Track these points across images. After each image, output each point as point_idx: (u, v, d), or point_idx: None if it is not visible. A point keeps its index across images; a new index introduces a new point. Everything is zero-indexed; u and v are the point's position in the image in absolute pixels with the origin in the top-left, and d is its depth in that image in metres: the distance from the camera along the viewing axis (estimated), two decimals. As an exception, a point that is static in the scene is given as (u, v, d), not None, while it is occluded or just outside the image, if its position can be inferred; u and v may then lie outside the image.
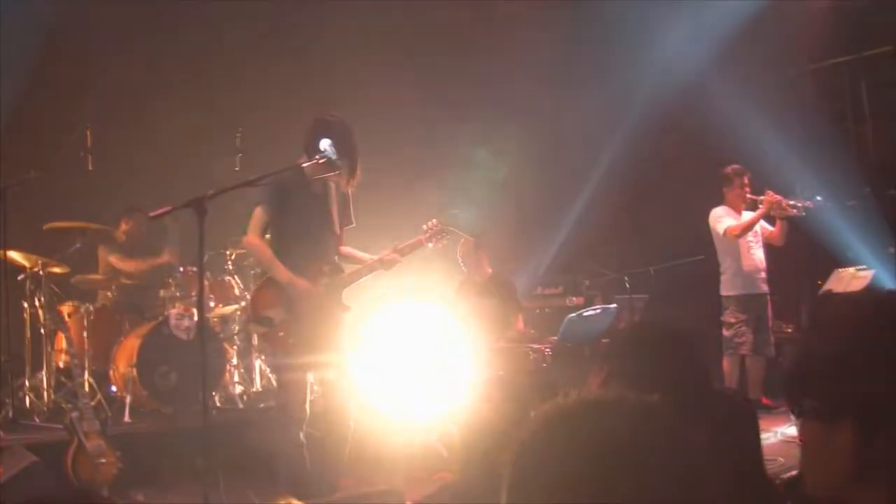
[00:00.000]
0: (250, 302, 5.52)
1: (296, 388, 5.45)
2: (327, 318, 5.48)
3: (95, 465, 5.89)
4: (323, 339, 5.46)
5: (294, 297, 5.35)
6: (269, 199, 5.41)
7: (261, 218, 5.42)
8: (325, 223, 5.54)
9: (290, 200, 5.44)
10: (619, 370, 2.11)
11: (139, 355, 7.20)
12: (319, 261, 5.48)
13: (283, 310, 5.38)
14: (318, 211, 5.52)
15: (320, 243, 5.53)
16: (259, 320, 5.41)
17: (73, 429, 5.99)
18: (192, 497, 5.71)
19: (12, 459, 5.78)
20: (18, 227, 7.15)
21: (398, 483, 6.14)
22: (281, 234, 5.48)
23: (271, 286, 5.41)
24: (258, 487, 6.26)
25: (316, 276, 5.44)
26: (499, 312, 7.80)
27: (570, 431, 1.06)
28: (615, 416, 1.08)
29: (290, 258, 5.42)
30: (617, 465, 1.03)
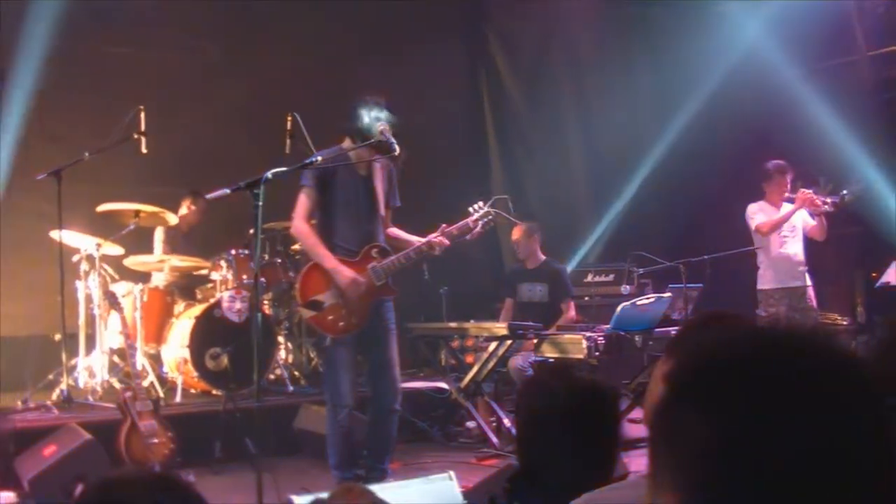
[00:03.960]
0: (298, 286, 5.49)
1: (343, 373, 5.43)
2: (375, 303, 5.45)
3: (148, 445, 5.94)
4: (370, 323, 5.44)
5: (339, 284, 5.33)
6: (312, 182, 5.39)
7: (305, 202, 5.40)
8: (372, 204, 5.50)
9: (334, 182, 5.41)
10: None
11: (191, 337, 7.26)
12: (367, 243, 5.46)
13: (332, 294, 5.35)
14: (363, 192, 5.49)
15: (367, 225, 5.50)
16: (307, 304, 5.39)
17: (126, 408, 6.05)
18: (243, 478, 5.74)
19: (67, 437, 5.85)
20: (73, 208, 7.21)
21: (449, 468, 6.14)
22: (327, 216, 5.45)
23: (319, 269, 5.38)
24: (308, 470, 6.31)
25: (364, 259, 5.41)
26: (550, 299, 7.75)
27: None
28: None
29: (337, 241, 5.41)
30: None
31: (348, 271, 5.32)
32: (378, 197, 5.54)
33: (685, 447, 0.93)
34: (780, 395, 0.91)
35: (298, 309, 5.76)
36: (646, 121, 10.18)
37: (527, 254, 7.89)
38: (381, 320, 5.53)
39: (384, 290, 5.49)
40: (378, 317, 5.52)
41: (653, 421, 1.00)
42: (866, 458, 0.90)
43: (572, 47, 10.78)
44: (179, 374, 7.32)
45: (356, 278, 5.31)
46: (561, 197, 10.45)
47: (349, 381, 5.43)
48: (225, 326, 7.32)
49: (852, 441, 0.90)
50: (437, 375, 8.12)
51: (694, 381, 0.97)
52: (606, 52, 10.49)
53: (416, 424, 7.20)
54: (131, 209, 7.57)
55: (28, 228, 8.16)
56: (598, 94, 10.38)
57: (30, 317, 8.55)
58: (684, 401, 0.96)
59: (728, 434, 0.91)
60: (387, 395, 5.55)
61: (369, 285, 5.37)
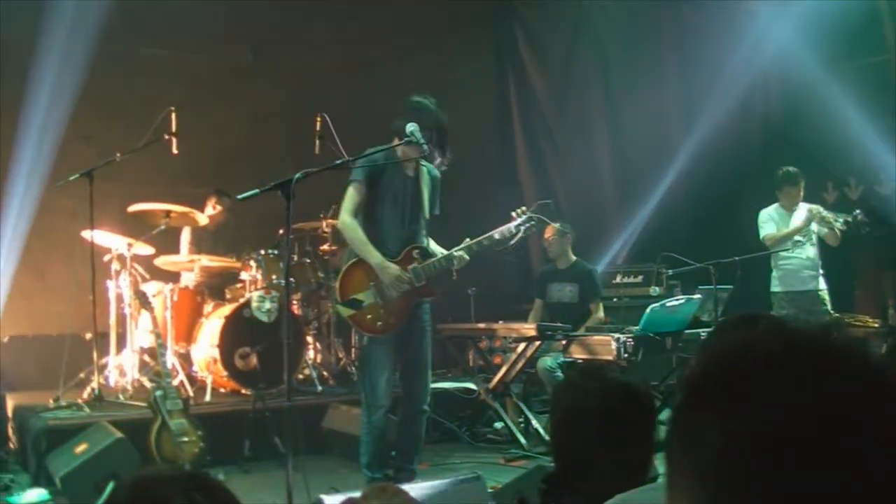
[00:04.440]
0: (338, 283, 5.49)
1: (380, 372, 5.43)
2: (413, 303, 5.45)
3: (178, 444, 5.98)
4: (408, 324, 5.43)
5: (383, 280, 5.33)
6: (362, 178, 5.40)
7: (354, 197, 5.40)
8: (417, 207, 5.51)
9: (383, 182, 5.42)
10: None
11: (221, 336, 7.30)
12: (409, 244, 5.46)
13: (371, 293, 5.36)
14: (410, 194, 5.49)
15: (411, 226, 5.50)
16: (346, 302, 5.39)
17: (156, 407, 6.09)
18: (272, 477, 5.77)
19: (98, 436, 5.89)
20: (105, 208, 7.27)
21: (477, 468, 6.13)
22: (373, 215, 5.46)
23: (360, 268, 5.39)
24: (337, 469, 6.32)
25: (405, 259, 5.42)
26: (579, 300, 7.73)
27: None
28: None
29: (381, 240, 5.41)
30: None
31: (394, 267, 5.33)
32: (423, 200, 5.53)
33: (702, 451, 0.92)
34: (798, 397, 0.89)
35: (337, 307, 5.75)
36: (674, 120, 10.12)
37: (558, 254, 7.88)
38: (418, 321, 5.53)
39: (424, 292, 5.49)
40: (416, 318, 5.52)
41: (670, 424, 0.99)
42: (891, 460, 0.88)
43: (601, 46, 10.74)
44: (209, 373, 7.36)
45: (401, 275, 5.31)
46: (589, 197, 10.41)
47: (385, 382, 5.42)
48: (254, 326, 7.35)
49: (874, 443, 0.88)
50: (466, 376, 8.12)
51: (710, 383, 0.96)
52: (635, 51, 10.44)
53: (444, 425, 7.20)
54: (162, 209, 7.61)
55: (61, 228, 8.24)
56: (626, 93, 10.33)
57: (62, 316, 8.63)
58: (701, 404, 0.95)
59: (745, 438, 0.89)
60: (418, 395, 5.56)
61: (409, 286, 5.37)
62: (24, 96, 8.34)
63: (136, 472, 1.69)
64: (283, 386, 7.00)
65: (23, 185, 8.14)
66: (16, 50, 8.37)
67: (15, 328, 8.48)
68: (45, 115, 8.28)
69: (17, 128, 8.34)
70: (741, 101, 9.43)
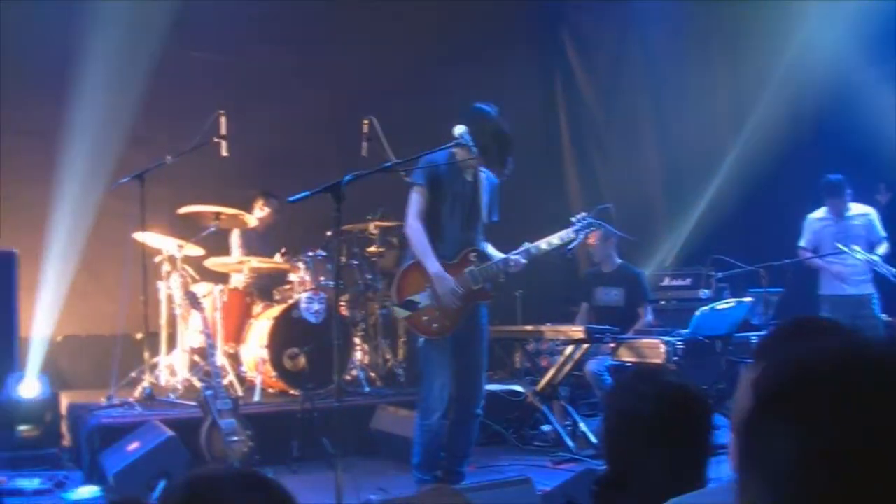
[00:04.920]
0: (395, 284, 5.49)
1: (435, 375, 5.43)
2: (470, 306, 5.44)
3: (227, 443, 6.03)
4: (464, 327, 5.43)
5: (438, 291, 5.33)
6: (424, 182, 5.41)
7: (419, 201, 5.41)
8: (475, 211, 5.49)
9: (442, 185, 5.42)
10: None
11: (270, 337, 7.36)
12: (467, 248, 5.46)
13: (428, 295, 5.36)
14: (468, 198, 5.48)
15: (469, 231, 5.48)
16: (403, 304, 5.40)
17: (206, 406, 6.15)
18: (320, 477, 5.79)
19: (150, 434, 5.96)
20: (156, 210, 7.36)
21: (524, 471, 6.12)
22: (432, 218, 5.45)
23: (417, 270, 5.39)
24: (384, 471, 6.34)
25: (462, 262, 5.41)
26: (626, 303, 7.68)
27: None
28: None
29: (439, 243, 5.41)
30: None
31: (450, 280, 5.31)
32: (481, 204, 5.53)
33: (775, 460, 0.92)
34: (874, 407, 0.88)
35: (394, 308, 5.77)
36: (724, 122, 10.03)
37: (602, 258, 7.84)
38: (474, 324, 5.51)
39: (480, 295, 5.48)
40: (472, 321, 5.49)
41: (741, 431, 0.98)
42: None
43: (649, 49, 10.68)
44: (258, 373, 7.42)
45: (454, 289, 5.30)
46: (637, 201, 10.34)
47: (441, 384, 5.41)
48: (303, 327, 7.40)
49: None
50: (512, 378, 8.10)
51: (785, 392, 0.95)
52: (684, 53, 10.36)
53: (491, 427, 7.18)
54: (211, 211, 7.68)
55: (113, 230, 8.34)
56: (675, 95, 10.26)
57: (113, 316, 8.72)
58: (774, 412, 0.94)
59: (819, 447, 0.88)
60: (472, 399, 5.54)
61: (465, 289, 5.37)
62: (77, 100, 8.47)
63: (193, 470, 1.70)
64: (331, 387, 7.09)
65: (76, 187, 8.26)
66: (69, 55, 8.50)
67: (69, 328, 8.60)
68: (97, 118, 8.39)
69: (70, 131, 8.47)
70: (791, 103, 9.33)
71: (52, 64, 8.57)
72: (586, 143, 11.34)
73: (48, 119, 8.49)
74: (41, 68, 8.61)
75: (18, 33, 8.32)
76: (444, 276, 5.31)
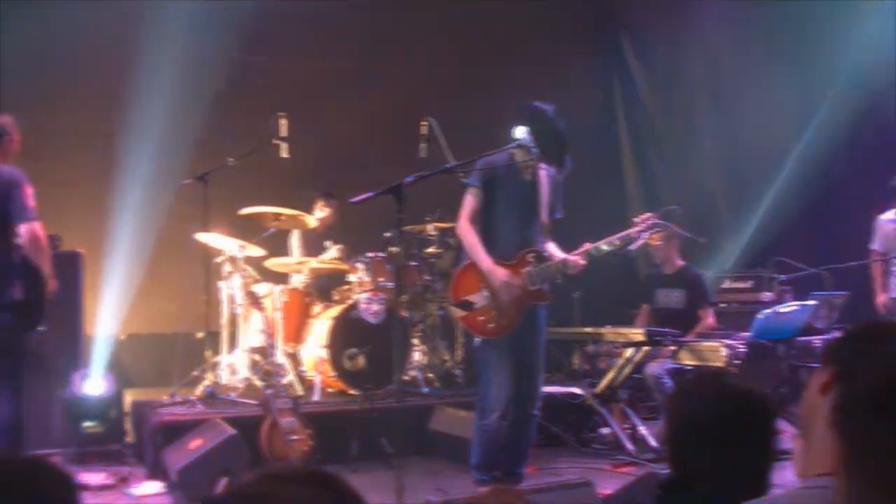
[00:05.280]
0: (451, 285, 5.52)
1: (492, 375, 5.43)
2: (527, 307, 5.43)
3: (288, 442, 6.09)
4: (521, 327, 5.42)
5: (492, 284, 5.34)
6: (479, 184, 5.42)
7: (472, 202, 5.43)
8: (533, 211, 5.49)
9: (499, 186, 5.42)
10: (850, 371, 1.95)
11: (329, 337, 7.41)
12: (525, 248, 5.45)
13: (484, 295, 5.37)
14: (526, 198, 5.48)
15: (527, 230, 5.48)
16: (459, 303, 5.42)
17: (267, 405, 6.22)
18: (379, 477, 5.82)
19: (212, 432, 6.04)
20: (218, 211, 7.45)
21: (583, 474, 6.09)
22: (489, 219, 5.46)
23: (473, 270, 5.40)
24: (442, 471, 6.35)
25: (520, 262, 5.41)
26: (687, 306, 7.60)
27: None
28: None
29: (496, 244, 5.41)
30: None
31: (503, 273, 5.32)
32: (540, 203, 5.52)
33: (881, 462, 0.91)
34: None
35: (450, 308, 5.78)
36: (786, 121, 9.86)
37: (664, 259, 7.76)
38: (532, 325, 5.50)
39: (538, 296, 5.46)
40: (530, 321, 5.48)
41: (841, 434, 0.98)
42: None
43: (708, 48, 10.55)
44: (317, 373, 7.47)
45: (509, 281, 5.31)
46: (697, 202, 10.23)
47: (498, 384, 5.40)
48: (362, 327, 7.44)
49: None
50: (571, 380, 8.07)
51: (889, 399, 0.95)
52: (744, 52, 10.23)
53: (549, 429, 7.16)
54: (272, 212, 7.76)
55: (175, 231, 8.46)
56: (735, 94, 10.12)
57: (175, 315, 8.88)
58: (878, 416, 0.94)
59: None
60: (529, 399, 5.53)
61: (523, 289, 5.36)
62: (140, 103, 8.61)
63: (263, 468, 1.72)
64: (390, 387, 7.13)
65: (140, 189, 8.40)
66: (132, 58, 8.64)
67: (131, 327, 8.75)
68: (160, 121, 8.52)
69: (134, 134, 8.62)
70: (856, 103, 9.16)
71: (116, 67, 8.72)
72: (645, 143, 11.26)
73: (112, 122, 8.64)
74: (105, 72, 8.77)
75: (82, 37, 8.48)
76: (497, 270, 5.31)
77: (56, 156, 8.67)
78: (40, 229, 5.51)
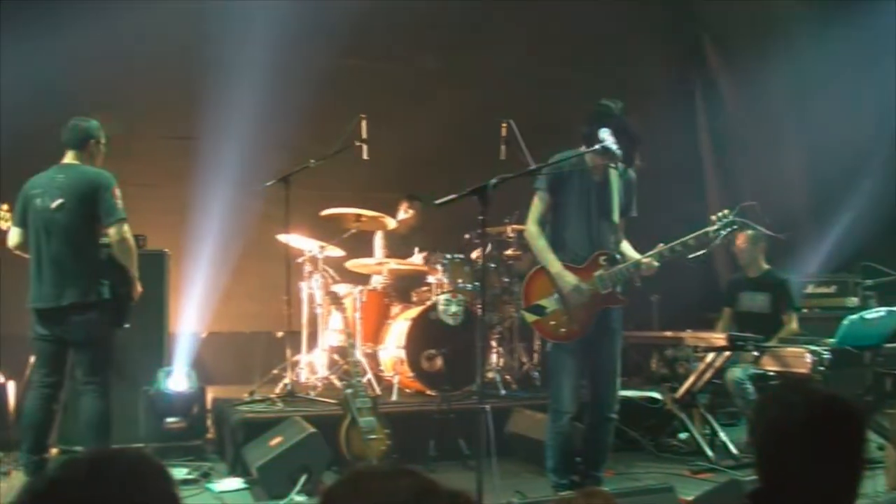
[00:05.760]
0: (522, 289, 5.48)
1: (564, 378, 5.40)
2: (600, 311, 5.40)
3: (366, 441, 6.14)
4: (595, 331, 5.38)
5: (562, 289, 5.30)
6: (546, 186, 5.39)
7: (539, 206, 5.40)
8: (604, 212, 5.42)
9: (568, 188, 5.37)
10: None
11: (407, 338, 7.45)
12: (596, 250, 5.40)
13: (555, 299, 5.33)
14: (597, 199, 5.42)
15: (597, 232, 5.41)
16: (530, 308, 5.38)
17: (346, 404, 6.27)
18: (456, 478, 5.84)
19: (292, 430, 6.11)
20: (298, 212, 7.54)
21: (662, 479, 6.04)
22: (559, 221, 5.42)
23: (544, 274, 5.35)
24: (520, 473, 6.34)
25: (591, 265, 5.36)
26: (772, 310, 7.47)
27: None
28: None
29: (565, 246, 5.39)
30: None
31: (572, 277, 5.27)
32: (611, 204, 5.46)
33: None
34: None
35: (522, 312, 5.76)
36: (873, 121, 9.63)
37: (749, 262, 7.63)
38: (606, 329, 5.41)
39: (610, 299, 5.41)
40: (604, 325, 5.40)
41: None
42: None
43: (791, 46, 10.36)
44: (395, 373, 7.52)
45: (578, 285, 5.26)
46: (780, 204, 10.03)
47: (571, 388, 5.36)
48: (440, 329, 7.48)
49: None
50: (649, 384, 7.98)
51: None
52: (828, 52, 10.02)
53: (627, 433, 7.10)
54: (353, 214, 7.83)
55: (257, 231, 8.61)
56: (819, 93, 9.91)
57: (255, 315, 9.03)
58: None
59: None
60: (606, 403, 5.46)
61: (594, 293, 5.32)
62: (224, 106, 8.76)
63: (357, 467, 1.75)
64: (468, 388, 7.16)
65: (223, 190, 8.56)
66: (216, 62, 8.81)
67: (213, 325, 8.91)
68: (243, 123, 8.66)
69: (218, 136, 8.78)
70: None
71: (200, 70, 8.89)
72: (726, 146, 11.09)
73: (197, 125, 8.82)
74: (189, 74, 8.94)
75: (166, 40, 8.66)
76: (566, 274, 5.27)
77: (143, 157, 8.89)
78: (128, 231, 5.64)
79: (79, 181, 5.60)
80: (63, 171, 5.67)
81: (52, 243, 5.56)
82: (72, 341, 5.63)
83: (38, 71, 7.73)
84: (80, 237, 5.58)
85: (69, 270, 5.54)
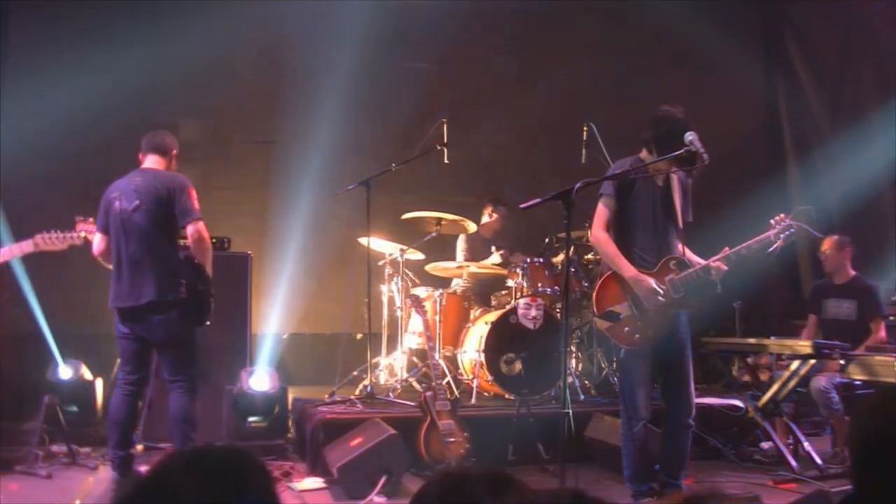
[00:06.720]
0: (594, 296, 5.46)
1: (637, 385, 5.35)
2: (672, 315, 5.35)
3: (445, 443, 6.16)
4: (666, 336, 5.33)
5: (638, 293, 5.26)
6: (611, 192, 5.36)
7: (604, 212, 5.37)
8: (669, 216, 5.38)
9: (633, 192, 5.34)
10: None
11: (487, 342, 7.45)
12: (664, 255, 5.35)
13: (628, 305, 5.29)
14: (662, 204, 5.38)
15: (664, 237, 5.37)
16: (603, 315, 5.35)
17: (426, 407, 6.30)
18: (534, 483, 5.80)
19: (372, 431, 6.16)
20: (379, 216, 7.61)
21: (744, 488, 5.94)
22: (626, 227, 5.39)
23: (615, 281, 5.32)
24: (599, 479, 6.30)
25: (662, 270, 5.31)
26: (858, 317, 7.31)
27: None
28: None
29: (634, 252, 5.36)
30: None
31: (649, 280, 5.24)
32: (676, 209, 5.42)
33: None
34: None
35: (594, 319, 5.72)
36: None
37: (835, 268, 7.48)
38: (677, 333, 5.38)
39: (682, 303, 5.36)
40: (674, 330, 5.38)
41: None
42: None
43: (878, 47, 10.11)
44: (474, 376, 7.53)
45: (656, 288, 5.22)
46: (866, 209, 9.82)
47: (644, 394, 5.32)
48: (520, 333, 7.47)
49: None
50: (731, 391, 7.86)
51: None
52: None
53: (707, 441, 7.01)
54: (433, 217, 7.87)
55: (338, 234, 8.70)
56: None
57: (336, 317, 9.12)
58: None
59: None
60: (681, 409, 5.40)
61: (668, 297, 5.27)
62: (306, 110, 8.88)
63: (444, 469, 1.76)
64: (547, 392, 7.14)
65: (305, 193, 8.67)
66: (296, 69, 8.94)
67: (294, 326, 9.02)
68: (324, 128, 8.77)
69: (299, 141, 8.90)
70: None
71: (280, 76, 9.02)
72: (809, 144, 10.87)
73: (278, 129, 8.96)
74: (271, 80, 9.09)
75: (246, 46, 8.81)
76: (642, 278, 5.23)
77: (226, 161, 9.05)
78: (205, 229, 5.75)
79: (155, 183, 5.72)
80: (141, 174, 5.81)
81: (130, 244, 5.68)
82: (153, 341, 5.74)
83: (126, 78, 7.90)
84: (157, 237, 5.70)
85: (146, 270, 5.65)
